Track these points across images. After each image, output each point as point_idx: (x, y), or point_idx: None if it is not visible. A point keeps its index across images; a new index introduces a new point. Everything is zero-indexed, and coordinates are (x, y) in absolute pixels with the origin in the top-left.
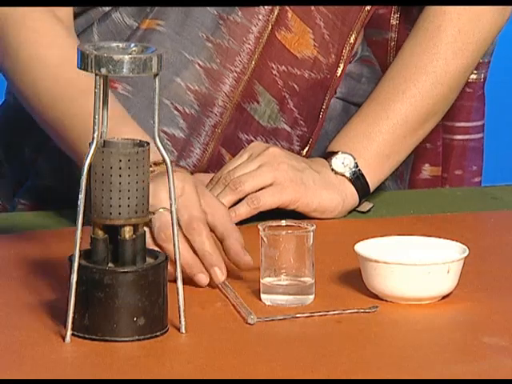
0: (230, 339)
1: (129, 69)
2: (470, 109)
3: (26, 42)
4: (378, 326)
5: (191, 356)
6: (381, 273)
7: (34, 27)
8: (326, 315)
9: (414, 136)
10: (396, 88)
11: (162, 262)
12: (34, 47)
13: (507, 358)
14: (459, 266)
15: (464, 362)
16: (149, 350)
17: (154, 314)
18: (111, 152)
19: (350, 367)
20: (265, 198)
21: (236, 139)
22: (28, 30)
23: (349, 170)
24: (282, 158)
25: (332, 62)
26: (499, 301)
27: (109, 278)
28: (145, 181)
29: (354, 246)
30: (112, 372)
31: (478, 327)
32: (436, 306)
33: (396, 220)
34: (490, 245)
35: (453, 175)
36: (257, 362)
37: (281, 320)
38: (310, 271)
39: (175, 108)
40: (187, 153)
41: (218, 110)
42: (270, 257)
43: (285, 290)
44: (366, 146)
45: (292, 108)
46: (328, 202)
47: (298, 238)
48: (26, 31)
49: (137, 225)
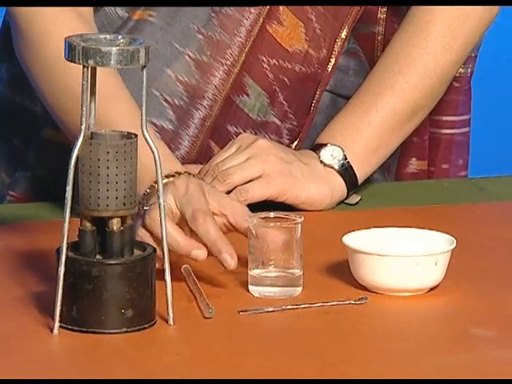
0: (218, 331)
1: (116, 60)
2: (457, 103)
3: (48, 38)
4: (367, 317)
5: (179, 348)
6: (369, 264)
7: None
8: (315, 307)
9: (402, 129)
10: (385, 81)
11: (150, 254)
12: (55, 42)
13: (495, 349)
14: (447, 257)
15: (452, 353)
16: (137, 342)
17: (142, 305)
18: (99, 144)
19: (339, 358)
20: (253, 190)
21: (225, 132)
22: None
23: (337, 162)
24: (270, 150)
25: (323, 57)
26: (486, 292)
27: (97, 270)
28: (132, 173)
29: (343, 237)
30: (100, 364)
31: (465, 319)
32: (424, 297)
33: (384, 212)
34: (478, 236)
35: (439, 169)
36: (245, 354)
37: (269, 312)
38: (298, 263)
39: (164, 99)
40: (176, 145)
41: (207, 103)
42: (259, 249)
43: (273, 282)
44: (354, 138)
45: (282, 101)
46: (316, 194)
47: (286, 229)
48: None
49: (125, 217)
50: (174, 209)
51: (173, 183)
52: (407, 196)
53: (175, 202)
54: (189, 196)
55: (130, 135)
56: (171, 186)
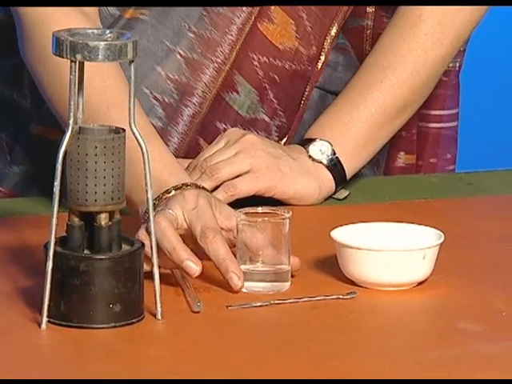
0: (206, 326)
1: (104, 55)
2: (445, 97)
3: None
4: (355, 312)
5: (168, 342)
6: (357, 259)
7: (60, 22)
8: (303, 301)
9: (391, 125)
10: (374, 76)
11: (138, 249)
12: None
13: (482, 343)
14: (435, 252)
15: (439, 347)
16: (125, 337)
17: (130, 300)
18: (87, 138)
19: (327, 353)
20: (241, 185)
21: (214, 129)
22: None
23: (326, 157)
24: (258, 145)
25: (313, 54)
26: (474, 287)
27: (85, 265)
28: (120, 167)
29: (331, 232)
30: (88, 359)
31: (453, 313)
32: (412, 291)
33: (372, 206)
34: (466, 231)
35: (427, 163)
36: (234, 349)
37: (257, 306)
38: (286, 258)
39: (154, 97)
40: (165, 141)
41: (196, 100)
42: (247, 244)
43: (261, 277)
44: (343, 133)
45: (272, 99)
46: (305, 189)
47: (274, 224)
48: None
49: (113, 211)
50: (181, 220)
51: (182, 195)
52: (395, 191)
53: (183, 214)
54: (199, 211)
55: (118, 130)
56: (179, 197)
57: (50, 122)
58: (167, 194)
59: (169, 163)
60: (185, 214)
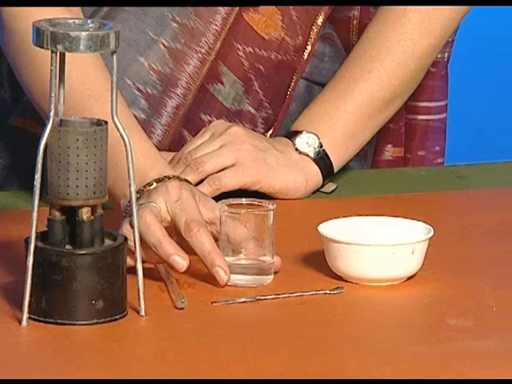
0: (191, 322)
1: (86, 45)
2: (434, 88)
3: None
4: (342, 307)
5: (152, 339)
6: (345, 254)
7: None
8: (289, 297)
9: (379, 116)
10: (362, 67)
11: (120, 244)
12: None
13: (472, 339)
14: (424, 246)
15: (429, 343)
16: (108, 334)
17: (112, 296)
18: (68, 131)
19: (313, 350)
20: (226, 179)
21: (198, 121)
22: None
23: (313, 149)
24: (244, 138)
25: (299, 44)
26: (464, 282)
27: (66, 261)
28: (103, 160)
29: (318, 226)
30: (70, 356)
31: (442, 308)
32: (401, 287)
33: (360, 200)
34: (456, 225)
35: (415, 156)
36: (218, 345)
37: (242, 302)
38: (270, 251)
39: (137, 88)
40: (148, 134)
41: (180, 91)
42: (229, 236)
43: (244, 270)
44: (330, 125)
45: (257, 90)
46: (291, 183)
47: (257, 216)
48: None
49: (95, 206)
50: (164, 213)
51: (165, 186)
52: (384, 184)
53: (166, 206)
54: (182, 203)
55: (100, 122)
56: (162, 188)
57: (30, 114)
58: (149, 186)
59: (151, 156)
60: (168, 206)
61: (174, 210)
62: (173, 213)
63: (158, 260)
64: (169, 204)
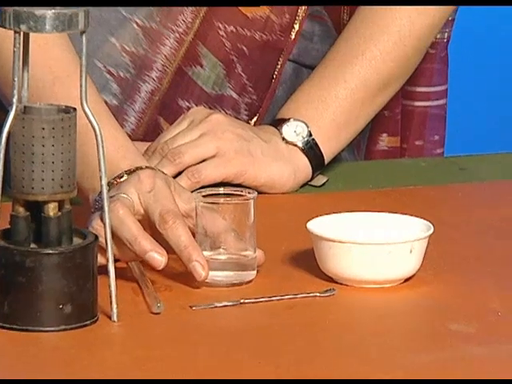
0: (168, 328)
1: (52, 25)
2: (432, 72)
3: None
4: (334, 312)
5: (125, 347)
6: (336, 253)
7: None
8: (276, 300)
9: (373, 102)
10: (354, 49)
11: (90, 243)
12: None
13: (475, 346)
14: (423, 244)
15: (428, 350)
16: (77, 341)
17: (82, 300)
18: (33, 119)
19: (302, 358)
20: (207, 171)
21: (176, 107)
22: None
23: (301, 139)
24: (226, 126)
25: (286, 23)
26: (467, 283)
27: (31, 261)
28: (71, 151)
29: (307, 223)
30: (35, 365)
31: (443, 313)
32: (398, 289)
33: (353, 194)
34: (458, 221)
35: (413, 146)
36: (198, 354)
37: (225, 306)
38: (252, 244)
39: (108, 71)
40: (120, 121)
41: (156, 75)
42: (207, 228)
43: (223, 266)
44: (320, 112)
45: (240, 73)
46: (278, 175)
47: (237, 206)
48: None
49: (62, 201)
50: (137, 205)
51: (137, 176)
52: (379, 177)
53: (139, 198)
54: (156, 193)
55: (68, 109)
56: (134, 178)
57: None
58: (119, 179)
59: (122, 145)
60: (141, 197)
61: (148, 201)
62: (146, 204)
63: (132, 257)
64: (141, 195)
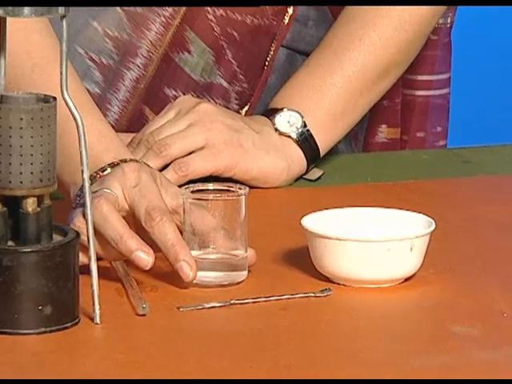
0: (153, 330)
1: (31, 10)
2: (435, 59)
3: None
4: (330, 313)
5: (108, 351)
6: (333, 251)
7: None
8: (268, 301)
9: (372, 91)
10: (352, 34)
11: (71, 240)
12: None
13: (480, 349)
14: (424, 242)
15: (429, 354)
16: (57, 344)
17: (62, 301)
18: (10, 108)
19: (297, 362)
20: (195, 164)
21: (162, 96)
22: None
23: (295, 129)
24: (215, 116)
25: (279, 6)
26: (470, 283)
27: (8, 259)
28: (51, 143)
29: (301, 219)
30: (13, 370)
31: (445, 314)
32: (397, 289)
33: (350, 188)
34: (462, 217)
35: (414, 138)
36: (186, 358)
37: (214, 308)
38: (243, 243)
39: (90, 58)
40: (103, 111)
41: (140, 61)
42: (195, 226)
43: (213, 266)
44: (315, 101)
45: (230, 59)
46: (271, 168)
47: (227, 203)
48: None
49: (42, 196)
50: (122, 201)
51: (121, 170)
52: (378, 170)
53: (123, 193)
54: (142, 188)
55: (48, 98)
56: (118, 172)
57: None
58: (102, 172)
59: (105, 137)
60: (125, 192)
61: (133, 196)
62: (131, 200)
63: (117, 257)
64: (126, 190)
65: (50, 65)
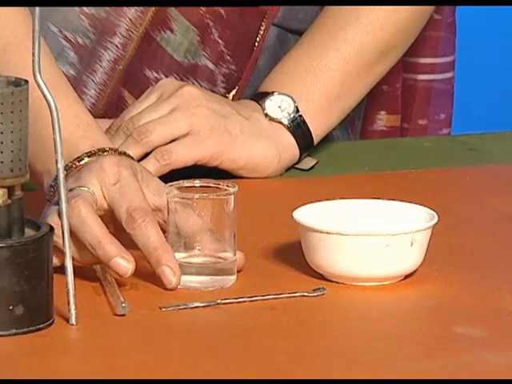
0: (133, 332)
1: None
2: (438, 40)
3: None
4: (324, 313)
5: (84, 354)
6: (327, 246)
7: None
8: (258, 301)
9: (370, 73)
10: (348, 13)
11: (45, 235)
12: None
13: (486, 352)
14: (426, 236)
15: (431, 357)
16: (30, 347)
17: (35, 300)
18: None
19: (289, 365)
20: (178, 152)
21: (142, 78)
22: None
23: (287, 115)
24: (200, 100)
25: None
26: (476, 281)
27: None
28: (22, 130)
29: (293, 212)
30: None
31: (449, 314)
32: (396, 287)
33: (346, 178)
34: (466, 209)
35: (415, 125)
36: (169, 361)
37: (198, 307)
38: (231, 245)
39: (64, 37)
40: (78, 95)
41: (119, 41)
42: (180, 227)
43: (199, 270)
44: (309, 85)
45: (216, 39)
46: (260, 157)
47: (215, 202)
48: None
49: (12, 187)
50: (100, 199)
51: (99, 165)
52: (376, 158)
53: (102, 190)
54: (123, 186)
55: (19, 81)
56: (95, 167)
57: None
58: (78, 162)
59: (82, 122)
60: (104, 190)
61: (112, 195)
62: (110, 199)
63: (93, 261)
64: (105, 188)
65: (23, 44)
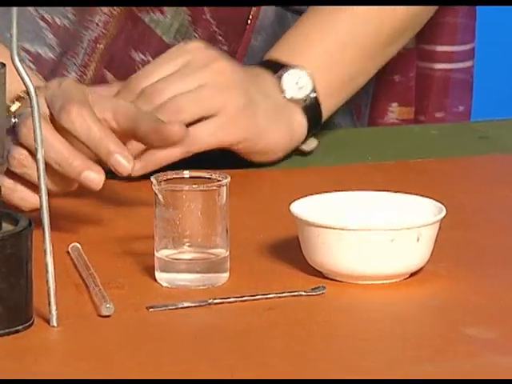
0: (119, 334)
1: None
2: (456, 27)
3: None
4: (323, 313)
5: (66, 357)
6: (326, 241)
7: None
8: (253, 300)
9: (382, 55)
10: None
11: (24, 229)
12: None
13: (497, 354)
14: (433, 231)
15: (438, 360)
16: (7, 350)
17: (13, 300)
18: None
19: (287, 367)
20: (202, 138)
21: (127, 60)
22: None
23: (303, 95)
24: (232, 80)
25: None
26: (486, 279)
27: None
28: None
29: (290, 205)
30: None
31: (457, 314)
32: (401, 286)
33: (347, 168)
34: (476, 202)
35: (431, 118)
36: (157, 364)
37: (189, 307)
38: (224, 240)
39: (41, 18)
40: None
41: (100, 19)
42: (168, 221)
43: (188, 267)
44: (330, 63)
45: (208, 19)
46: (276, 142)
47: (205, 194)
48: None
49: None
50: (45, 109)
51: (44, 85)
52: (380, 147)
53: (46, 102)
54: (62, 89)
55: None
56: (41, 88)
57: None
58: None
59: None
60: (47, 100)
61: (50, 97)
62: (49, 100)
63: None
64: (48, 97)
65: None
